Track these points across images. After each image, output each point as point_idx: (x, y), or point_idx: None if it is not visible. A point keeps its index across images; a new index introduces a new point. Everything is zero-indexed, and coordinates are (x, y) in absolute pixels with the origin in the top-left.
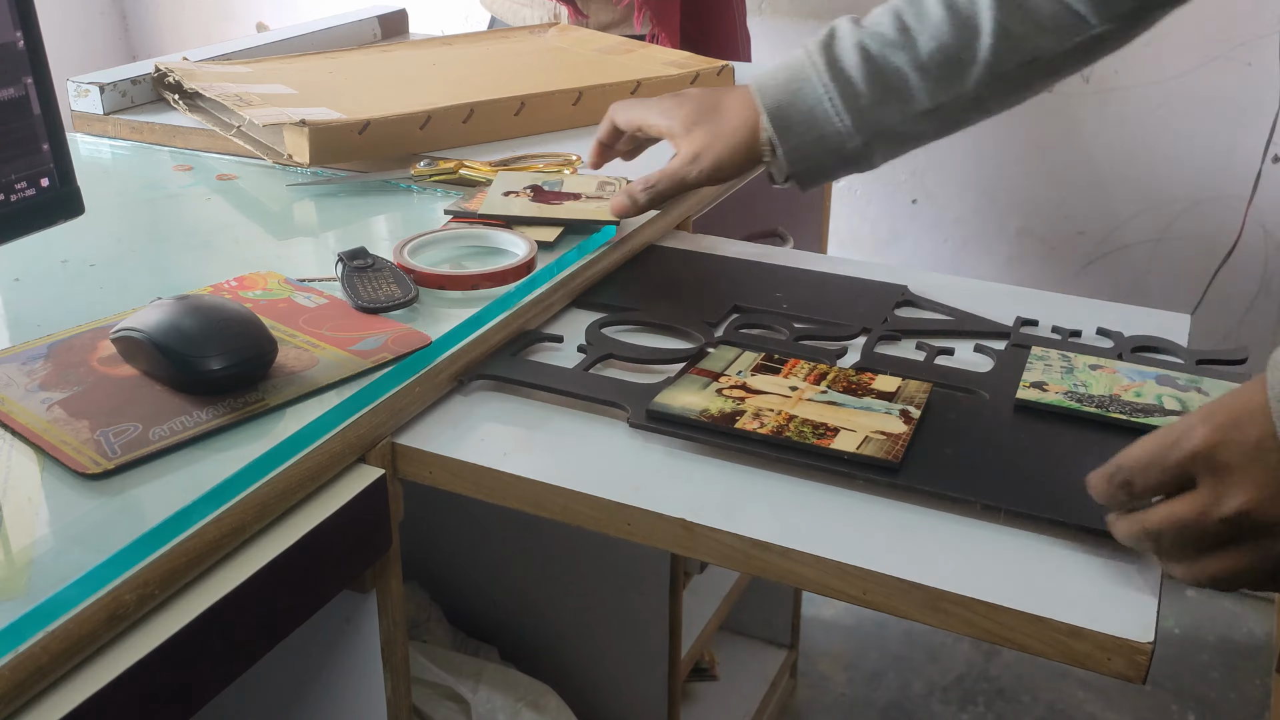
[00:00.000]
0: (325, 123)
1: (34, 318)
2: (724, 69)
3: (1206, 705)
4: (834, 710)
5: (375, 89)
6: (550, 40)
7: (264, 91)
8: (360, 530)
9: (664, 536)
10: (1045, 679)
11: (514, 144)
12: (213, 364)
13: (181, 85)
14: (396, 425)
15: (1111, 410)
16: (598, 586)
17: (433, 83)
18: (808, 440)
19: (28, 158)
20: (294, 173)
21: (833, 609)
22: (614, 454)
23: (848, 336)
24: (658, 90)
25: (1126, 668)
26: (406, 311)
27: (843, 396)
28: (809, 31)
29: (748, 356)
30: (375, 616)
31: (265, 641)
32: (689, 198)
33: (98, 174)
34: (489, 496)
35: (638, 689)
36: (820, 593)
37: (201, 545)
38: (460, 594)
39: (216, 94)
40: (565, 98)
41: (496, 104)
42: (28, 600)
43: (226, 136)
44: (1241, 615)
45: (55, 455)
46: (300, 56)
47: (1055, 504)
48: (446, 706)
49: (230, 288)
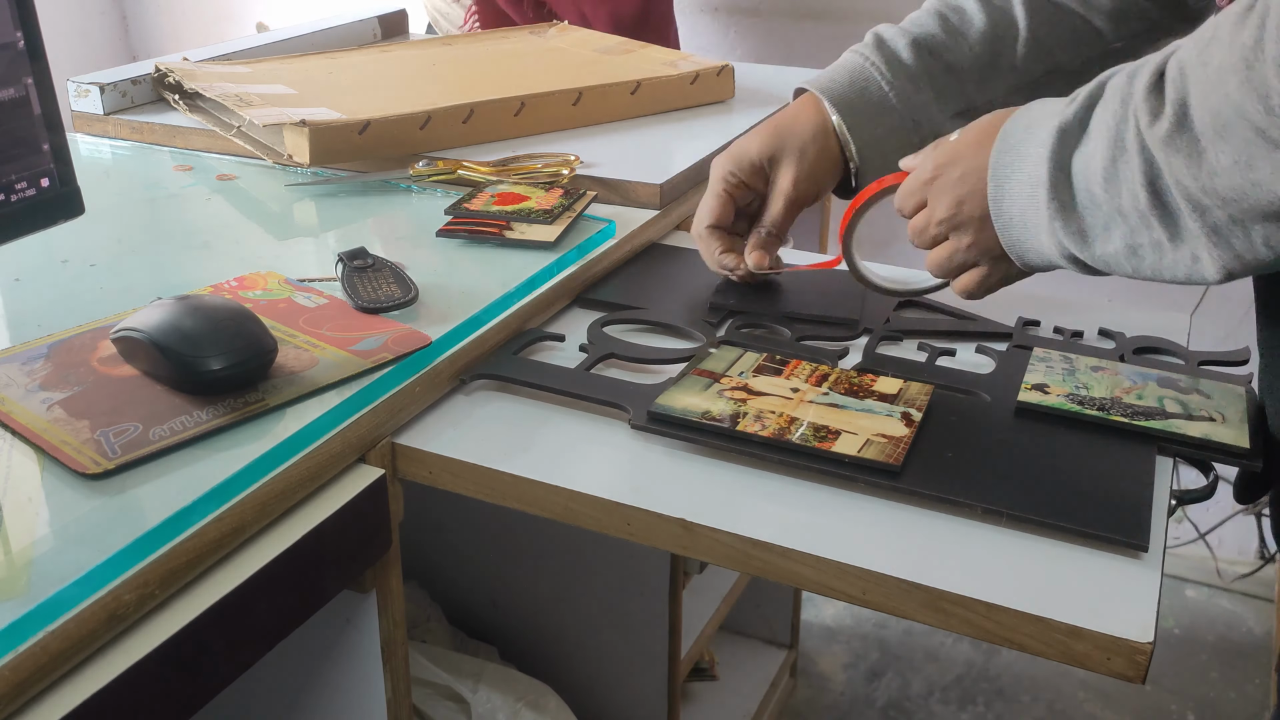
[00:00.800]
0: (325, 123)
1: (34, 318)
2: (724, 69)
3: (1206, 705)
4: (834, 710)
5: (375, 89)
6: (550, 40)
7: (264, 92)
8: (360, 530)
9: (664, 536)
10: (1045, 679)
11: (514, 144)
12: (213, 364)
13: (181, 85)
14: (396, 425)
15: (1113, 413)
16: (598, 586)
17: (433, 83)
18: (809, 443)
19: (28, 158)
20: (294, 173)
21: (833, 609)
22: (614, 454)
23: (849, 337)
24: (657, 90)
25: (1126, 668)
26: (406, 311)
27: (844, 398)
28: (809, 31)
29: (749, 357)
30: (375, 616)
31: (265, 641)
32: (692, 196)
33: (98, 174)
34: (489, 496)
35: (638, 689)
36: (820, 593)
37: (201, 545)
38: (460, 594)
39: (217, 94)
40: (565, 98)
41: (496, 104)
42: (28, 600)
43: (227, 137)
44: (1241, 615)
45: (55, 455)
46: (300, 57)
47: (1057, 509)
48: (446, 706)
49: (230, 288)
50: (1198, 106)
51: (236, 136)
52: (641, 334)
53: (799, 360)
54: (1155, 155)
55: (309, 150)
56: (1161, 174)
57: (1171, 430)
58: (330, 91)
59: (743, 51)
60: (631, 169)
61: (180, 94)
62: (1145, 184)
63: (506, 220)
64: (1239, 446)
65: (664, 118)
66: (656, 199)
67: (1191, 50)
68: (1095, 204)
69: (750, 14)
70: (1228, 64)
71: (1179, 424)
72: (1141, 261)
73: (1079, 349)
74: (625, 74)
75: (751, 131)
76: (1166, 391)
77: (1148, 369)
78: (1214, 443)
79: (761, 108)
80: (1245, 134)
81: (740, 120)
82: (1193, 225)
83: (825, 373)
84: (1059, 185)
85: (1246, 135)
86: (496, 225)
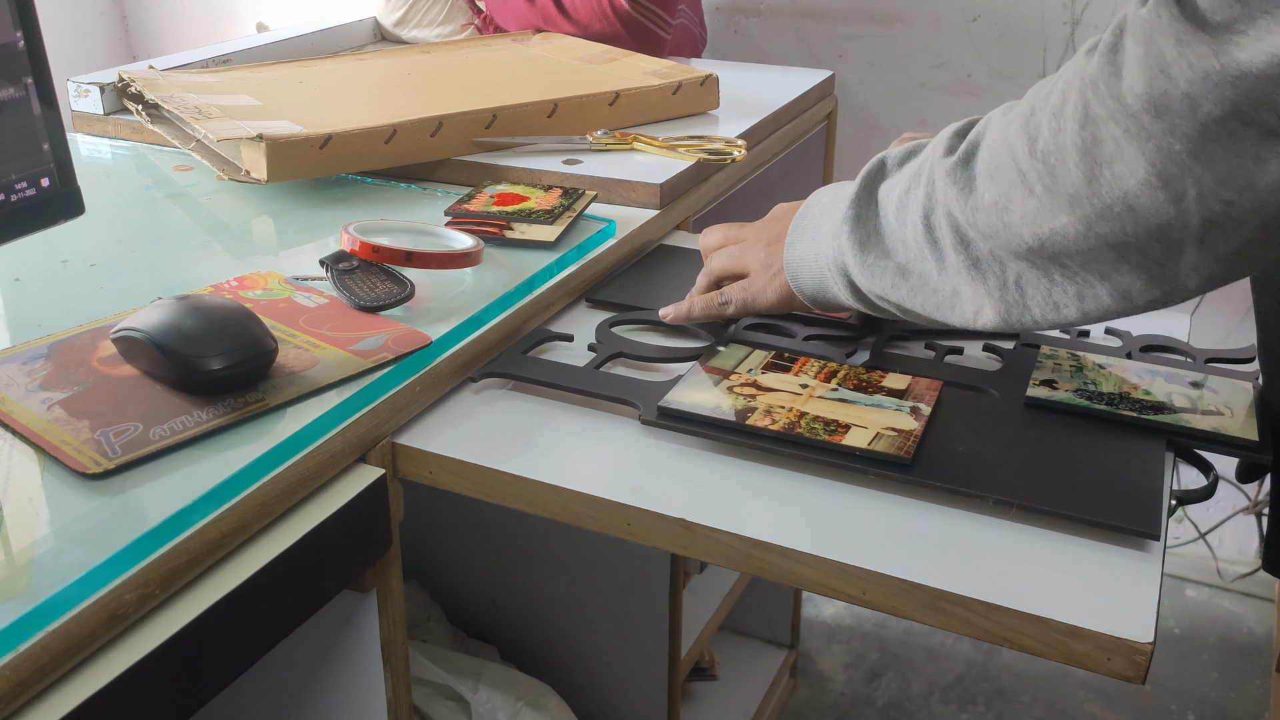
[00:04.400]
0: (283, 137)
1: (34, 318)
2: (707, 79)
3: (1206, 705)
4: (834, 710)
5: (344, 100)
6: (532, 48)
7: (226, 103)
8: (360, 530)
9: (664, 536)
10: (1045, 679)
11: (491, 155)
12: (213, 364)
13: (143, 95)
14: (397, 425)
15: (1121, 408)
16: (598, 586)
17: (405, 93)
18: (820, 437)
19: (28, 158)
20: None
21: (833, 609)
22: (614, 454)
23: (857, 337)
24: (637, 101)
25: (1126, 668)
26: (407, 311)
27: (853, 394)
28: (808, 31)
29: (758, 355)
30: (375, 616)
31: (265, 641)
32: (690, 195)
33: (98, 174)
34: (489, 496)
35: (638, 689)
36: (820, 593)
37: (202, 545)
38: (460, 594)
39: (176, 106)
40: (540, 109)
41: (467, 116)
42: (28, 600)
43: (186, 150)
44: (1242, 615)
45: (56, 455)
46: (272, 65)
47: (1068, 500)
48: (446, 706)
49: (230, 288)
50: (984, 147)
51: (195, 150)
52: (649, 334)
53: (807, 358)
54: (936, 185)
55: (266, 166)
56: (937, 204)
57: (1180, 424)
58: (297, 103)
59: (743, 52)
60: (632, 169)
61: (142, 104)
62: (923, 214)
63: (507, 220)
64: (1248, 439)
65: (652, 127)
66: (656, 199)
67: (1009, 104)
68: (887, 230)
69: (750, 14)
70: (1021, 111)
71: (1187, 418)
72: (909, 287)
73: (1086, 347)
74: (605, 84)
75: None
76: (1174, 387)
77: (1156, 365)
78: (1223, 435)
79: (746, 118)
80: (1010, 175)
81: (723, 132)
82: (955, 257)
83: (834, 369)
84: (861, 201)
85: (1011, 177)
86: (497, 225)
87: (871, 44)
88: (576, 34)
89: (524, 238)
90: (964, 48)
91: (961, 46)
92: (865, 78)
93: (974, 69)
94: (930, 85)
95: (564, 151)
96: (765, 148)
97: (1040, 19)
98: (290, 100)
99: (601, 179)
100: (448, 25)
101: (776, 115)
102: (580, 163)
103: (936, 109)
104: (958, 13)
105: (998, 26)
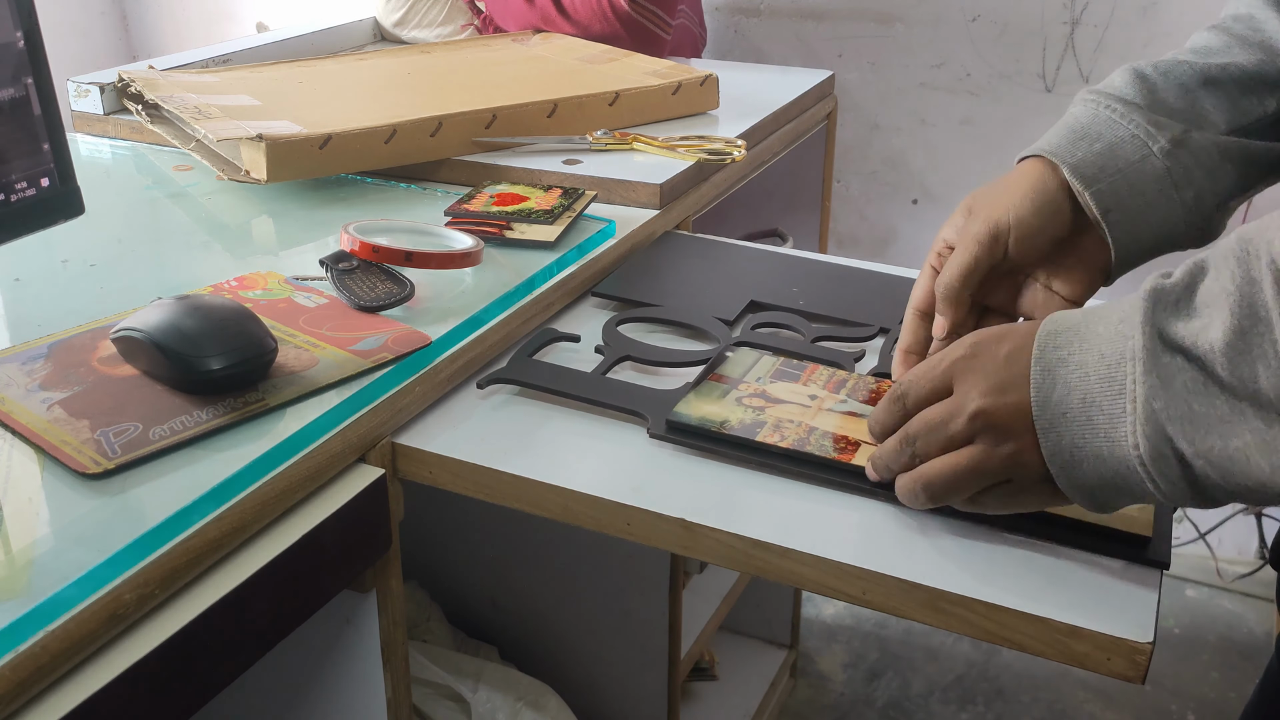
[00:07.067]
0: (283, 137)
1: (34, 318)
2: (707, 79)
3: (1206, 705)
4: (834, 710)
5: (344, 100)
6: (533, 48)
7: (226, 103)
8: (360, 530)
9: (664, 536)
10: (1045, 679)
11: (490, 156)
12: (213, 364)
13: (143, 95)
14: (397, 425)
15: None
16: (598, 586)
17: (405, 93)
18: (829, 455)
19: (28, 158)
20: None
21: (833, 609)
22: (613, 454)
23: (866, 338)
24: (636, 101)
25: (1126, 668)
26: (407, 311)
27: (862, 406)
28: (808, 31)
29: (766, 362)
30: (375, 616)
31: (265, 641)
32: (690, 195)
33: (98, 174)
34: (489, 496)
35: (638, 689)
36: (820, 593)
37: (202, 545)
38: (460, 594)
39: (175, 106)
40: (540, 109)
41: (467, 116)
42: (28, 600)
43: (186, 150)
44: (1242, 615)
45: (55, 455)
46: (272, 65)
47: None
48: (446, 706)
49: (230, 288)
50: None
51: (195, 150)
52: (657, 333)
53: (816, 365)
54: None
55: (266, 166)
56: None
57: None
58: (297, 103)
59: (743, 52)
60: (632, 169)
61: (142, 104)
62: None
63: (507, 220)
64: None
65: (652, 127)
66: (656, 199)
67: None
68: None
69: (750, 14)
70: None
71: None
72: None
73: None
74: (605, 84)
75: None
76: None
77: None
78: None
79: (746, 118)
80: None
81: (723, 132)
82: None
83: (843, 379)
84: (1157, 355)
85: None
86: (497, 225)
87: (871, 44)
88: (576, 34)
89: (524, 238)
90: (964, 47)
91: (961, 46)
92: (865, 77)
93: (974, 69)
94: (930, 85)
95: (564, 151)
96: (765, 148)
97: (1040, 19)
98: (290, 100)
99: (601, 179)
100: (448, 25)
101: (776, 115)
102: (580, 163)
103: (936, 109)
104: (957, 12)
105: (998, 26)
